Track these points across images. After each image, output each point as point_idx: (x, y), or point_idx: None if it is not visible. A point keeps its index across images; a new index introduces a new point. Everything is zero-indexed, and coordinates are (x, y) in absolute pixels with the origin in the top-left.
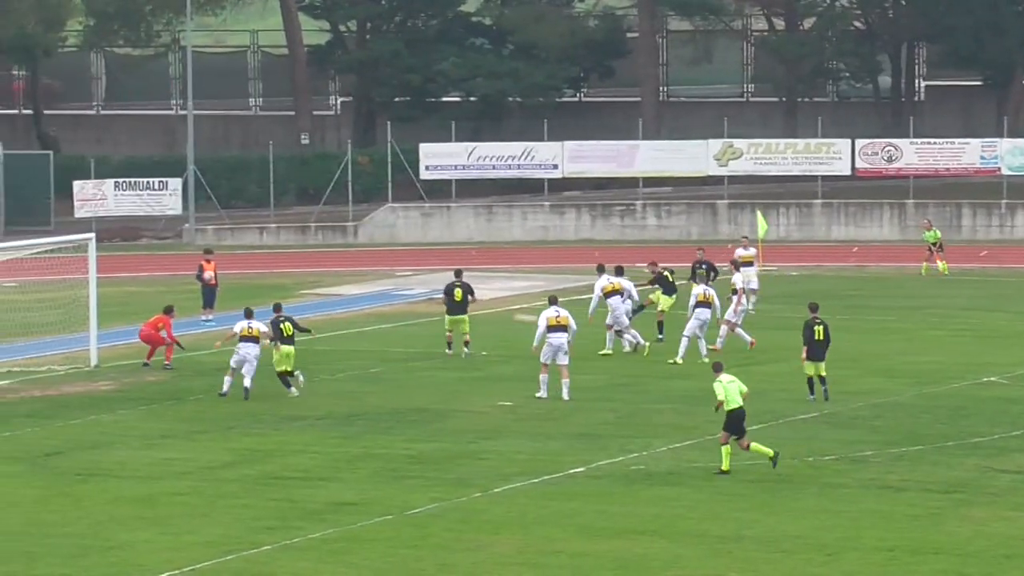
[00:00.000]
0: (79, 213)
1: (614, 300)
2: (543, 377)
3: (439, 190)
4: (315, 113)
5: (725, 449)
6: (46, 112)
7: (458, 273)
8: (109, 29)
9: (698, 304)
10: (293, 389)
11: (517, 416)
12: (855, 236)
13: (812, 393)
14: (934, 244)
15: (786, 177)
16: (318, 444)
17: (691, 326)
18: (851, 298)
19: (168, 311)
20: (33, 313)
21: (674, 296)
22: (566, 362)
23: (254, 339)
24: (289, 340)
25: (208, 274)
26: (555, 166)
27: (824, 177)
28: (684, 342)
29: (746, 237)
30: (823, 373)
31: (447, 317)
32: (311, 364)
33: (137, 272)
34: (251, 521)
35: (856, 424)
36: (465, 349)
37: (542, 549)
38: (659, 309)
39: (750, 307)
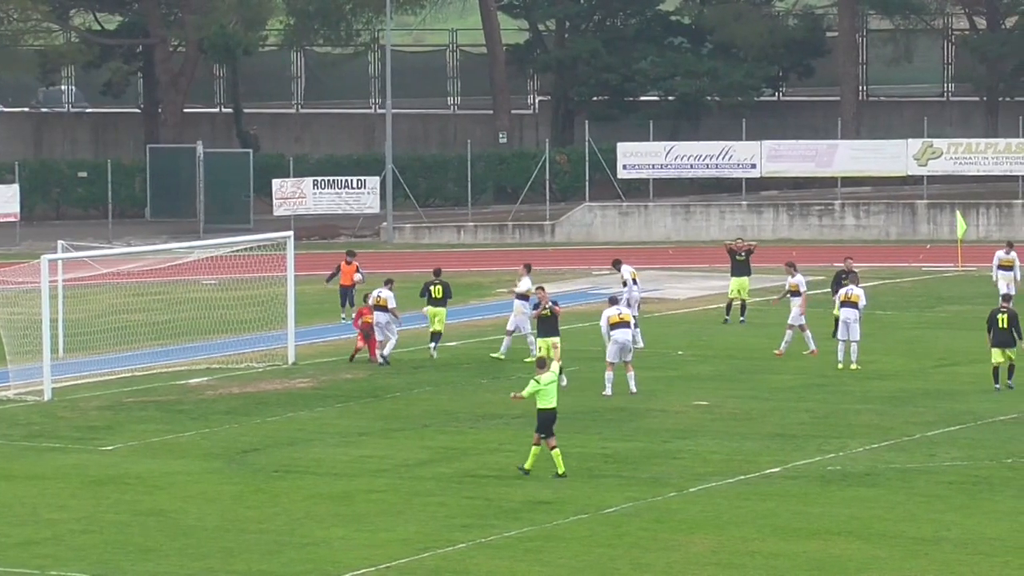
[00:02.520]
0: (278, 211)
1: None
2: (609, 375)
3: (636, 189)
4: (513, 112)
5: (535, 449)
6: (246, 111)
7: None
8: (309, 28)
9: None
10: (434, 350)
11: (713, 416)
12: None
13: (997, 382)
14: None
15: (987, 177)
16: (514, 442)
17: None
18: None
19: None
20: (232, 310)
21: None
22: (630, 358)
23: (381, 308)
24: (439, 303)
25: (339, 277)
26: (753, 165)
27: None
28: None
29: (1010, 243)
30: (1012, 359)
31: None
32: (507, 362)
33: (335, 271)
34: (447, 519)
35: None
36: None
37: (737, 549)
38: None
39: None
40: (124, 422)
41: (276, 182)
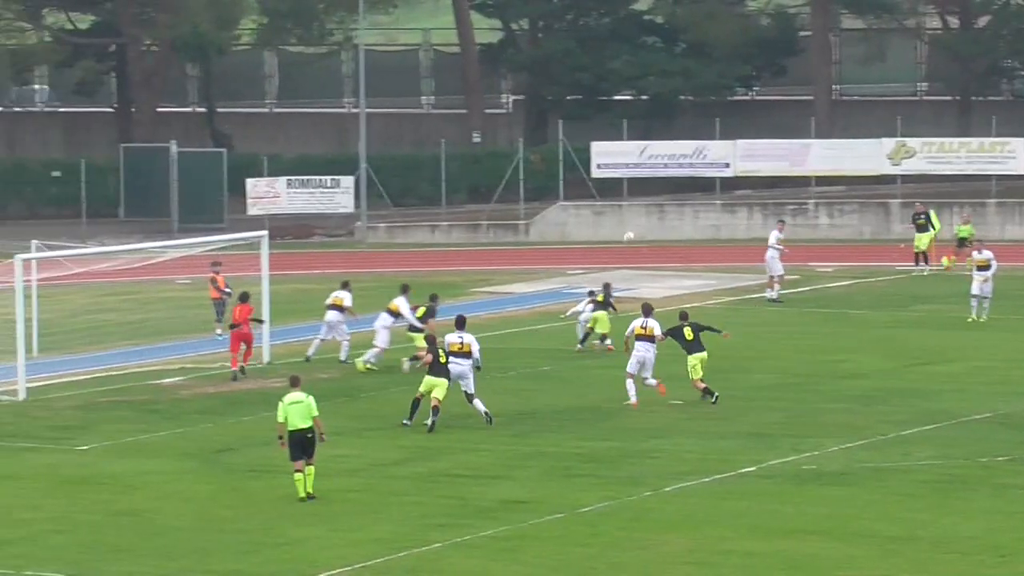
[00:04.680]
0: (252, 211)
1: None
2: (629, 383)
3: (610, 188)
4: (487, 111)
5: (298, 477)
6: (220, 110)
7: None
8: (282, 27)
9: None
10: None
11: (688, 415)
12: None
13: None
14: (964, 240)
15: (959, 176)
16: (489, 442)
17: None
18: (1022, 298)
19: (245, 298)
20: (206, 310)
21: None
22: (648, 374)
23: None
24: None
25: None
26: (727, 165)
27: (998, 176)
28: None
29: (979, 240)
30: None
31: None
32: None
33: (309, 269)
34: (422, 518)
35: None
36: None
37: (713, 548)
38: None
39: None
40: (98, 422)
41: (250, 181)
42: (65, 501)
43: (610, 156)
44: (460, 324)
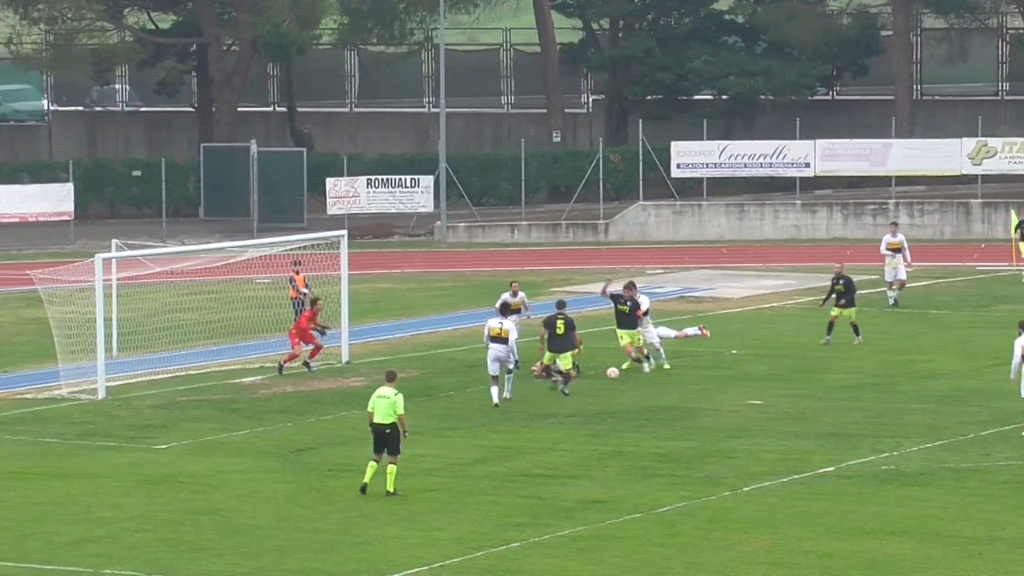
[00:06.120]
0: (331, 210)
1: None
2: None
3: (690, 188)
4: (567, 111)
5: (372, 465)
6: (300, 110)
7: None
8: (363, 27)
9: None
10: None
11: (766, 415)
12: None
13: None
14: None
15: None
16: (567, 442)
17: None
18: None
19: (314, 302)
20: (286, 309)
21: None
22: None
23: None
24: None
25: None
26: (807, 164)
27: None
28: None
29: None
30: None
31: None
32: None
33: (388, 269)
34: (500, 518)
35: None
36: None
37: (791, 549)
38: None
39: None
40: (178, 421)
41: (330, 181)
42: (145, 500)
43: (690, 156)
44: (503, 311)
